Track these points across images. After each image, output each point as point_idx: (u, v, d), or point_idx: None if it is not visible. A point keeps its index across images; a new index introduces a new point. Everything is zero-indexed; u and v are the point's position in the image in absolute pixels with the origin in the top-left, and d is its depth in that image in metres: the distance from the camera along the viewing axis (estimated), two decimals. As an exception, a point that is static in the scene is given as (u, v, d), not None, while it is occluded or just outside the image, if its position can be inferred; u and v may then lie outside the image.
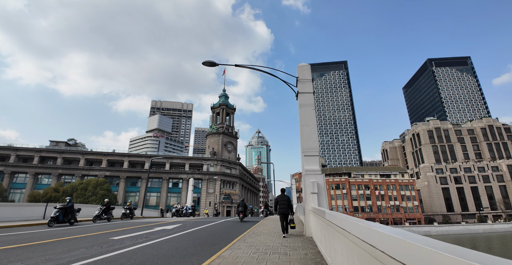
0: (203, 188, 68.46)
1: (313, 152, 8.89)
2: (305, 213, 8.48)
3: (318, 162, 8.78)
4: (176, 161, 71.61)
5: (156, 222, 15.05)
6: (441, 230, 61.06)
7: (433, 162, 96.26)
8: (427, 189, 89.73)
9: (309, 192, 8.29)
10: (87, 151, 69.14)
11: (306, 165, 8.74)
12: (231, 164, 75.51)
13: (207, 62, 10.85)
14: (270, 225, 13.00)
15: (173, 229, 11.11)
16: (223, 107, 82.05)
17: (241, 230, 10.74)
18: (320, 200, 8.14)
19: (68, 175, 66.07)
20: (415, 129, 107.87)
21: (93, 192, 51.28)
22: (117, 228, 11.61)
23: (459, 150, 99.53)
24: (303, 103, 9.58)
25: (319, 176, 8.41)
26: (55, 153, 66.90)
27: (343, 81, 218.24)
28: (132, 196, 67.83)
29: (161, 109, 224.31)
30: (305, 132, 9.22)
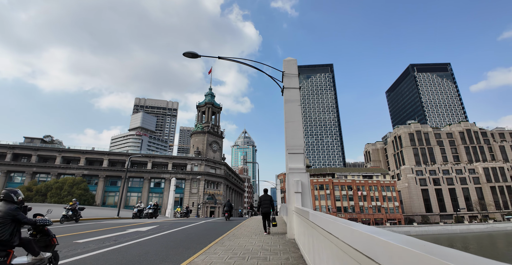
0: (186, 188, 67.05)
1: (298, 149, 8.43)
2: (288, 214, 8.00)
3: (303, 160, 8.33)
4: (159, 160, 69.81)
5: (131, 223, 14.16)
6: (420, 230, 62.58)
7: (413, 163, 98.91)
8: (407, 190, 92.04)
9: (293, 191, 7.82)
10: (64, 149, 66.15)
11: (291, 163, 8.26)
12: (216, 163, 74.45)
13: (188, 53, 10.19)
14: (252, 226, 12.46)
15: (147, 231, 10.35)
16: (209, 106, 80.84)
17: (221, 232, 10.13)
18: (304, 200, 7.68)
19: (43, 173, 62.93)
20: (397, 132, 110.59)
21: (69, 191, 48.98)
22: (86, 230, 10.72)
23: (438, 153, 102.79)
24: (288, 98, 9.12)
25: (304, 175, 7.96)
26: (30, 150, 63.55)
27: (329, 84, 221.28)
28: (112, 195, 65.53)
29: (145, 107, 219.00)
30: (290, 129, 8.75)
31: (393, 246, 1.29)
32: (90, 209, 22.94)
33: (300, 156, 8.37)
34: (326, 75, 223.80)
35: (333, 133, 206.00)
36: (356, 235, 1.87)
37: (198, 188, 66.96)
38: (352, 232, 1.95)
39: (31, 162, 62.39)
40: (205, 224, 14.21)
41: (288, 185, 8.01)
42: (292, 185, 7.90)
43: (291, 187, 7.92)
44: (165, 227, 12.01)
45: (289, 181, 8.00)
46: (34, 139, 70.12)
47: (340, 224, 2.30)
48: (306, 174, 8.02)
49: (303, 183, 7.82)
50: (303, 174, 7.97)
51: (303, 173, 7.99)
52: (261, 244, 7.15)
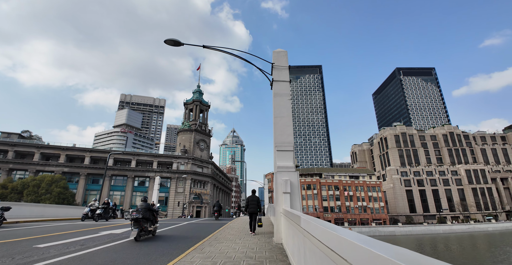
0: (171, 187, 65.57)
1: (287, 146, 7.79)
2: (276, 215, 7.35)
3: (292, 158, 7.70)
4: (144, 158, 67.97)
5: (107, 225, 13.18)
6: (404, 230, 63.51)
7: (398, 165, 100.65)
8: (392, 190, 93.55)
9: (281, 191, 7.18)
10: (43, 145, 63.35)
11: (279, 160, 7.61)
12: (203, 162, 73.24)
13: (170, 40, 9.37)
14: (237, 227, 11.75)
15: (122, 234, 9.47)
16: (197, 104, 79.48)
17: (203, 235, 9.38)
18: (293, 201, 7.05)
19: (20, 170, 60.08)
20: (383, 133, 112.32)
21: (47, 189, 46.78)
22: (53, 232, 9.72)
23: (422, 154, 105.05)
24: (278, 92, 8.46)
25: (293, 174, 7.34)
26: (6, 145, 60.49)
27: (318, 85, 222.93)
28: (94, 194, 63.23)
29: (131, 103, 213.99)
30: (279, 124, 8.10)
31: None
32: (50, 207, 21.54)
33: (290, 153, 7.74)
34: (315, 76, 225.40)
35: (320, 134, 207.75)
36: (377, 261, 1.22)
37: (184, 187, 65.61)
38: (368, 256, 1.27)
39: (8, 158, 59.40)
40: (187, 225, 13.39)
41: (276, 184, 7.36)
42: (280, 184, 7.25)
43: (279, 186, 7.28)
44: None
45: (277, 180, 7.35)
46: (11, 134, 66.83)
47: (347, 239, 1.63)
48: (296, 173, 7.40)
49: (292, 183, 7.19)
50: (292, 173, 7.34)
51: (292, 172, 7.36)
52: (245, 250, 6.47)
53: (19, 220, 15.28)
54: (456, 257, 35.86)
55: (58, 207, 23.19)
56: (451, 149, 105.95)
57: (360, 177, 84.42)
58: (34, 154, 61.65)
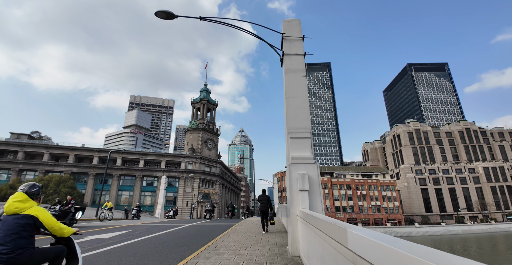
0: (180, 187, 64.73)
1: (302, 132, 6.25)
2: (290, 219, 5.82)
3: (310, 147, 6.15)
4: (152, 157, 67.34)
5: (99, 227, 11.90)
6: (421, 231, 60.84)
7: (412, 163, 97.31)
8: (407, 189, 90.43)
9: (297, 189, 5.65)
10: (52, 145, 63.43)
11: (293, 150, 6.08)
12: (211, 162, 72.16)
13: (161, 12, 7.98)
14: (244, 231, 10.25)
15: (109, 239, 8.11)
16: (204, 103, 78.48)
17: (202, 242, 7.92)
18: (312, 201, 5.51)
19: (30, 170, 60.24)
20: (395, 130, 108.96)
21: (55, 189, 46.44)
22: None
23: (438, 152, 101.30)
24: (290, 68, 6.92)
25: (312, 166, 5.80)
26: (16, 146, 60.77)
27: (326, 82, 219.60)
28: (102, 194, 62.85)
29: (141, 105, 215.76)
30: (292, 106, 6.56)
31: None
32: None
33: (306, 141, 6.20)
34: (323, 74, 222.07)
35: (330, 132, 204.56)
36: None
37: (192, 187, 64.65)
38: None
39: (17, 159, 59.67)
40: (189, 228, 11.98)
41: (290, 180, 5.82)
42: (295, 180, 5.72)
43: (294, 182, 5.74)
44: (137, 233, 9.79)
45: (291, 174, 5.82)
46: (21, 134, 67.28)
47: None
48: (315, 166, 5.86)
49: (311, 178, 5.65)
50: (310, 166, 5.80)
51: (310, 164, 5.82)
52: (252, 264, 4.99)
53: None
54: (475, 260, 33.39)
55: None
56: (468, 145, 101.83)
57: (373, 176, 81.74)
58: (43, 154, 61.75)
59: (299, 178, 5.62)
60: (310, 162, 5.87)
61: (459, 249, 44.13)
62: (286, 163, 6.46)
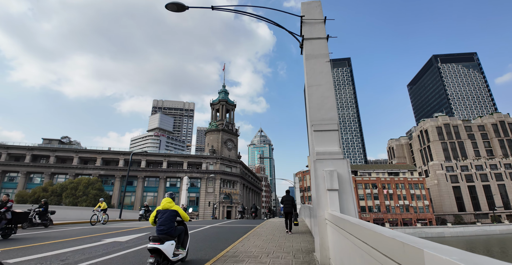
0: (202, 187, 65.30)
1: (328, 124, 5.54)
2: (317, 221, 5.12)
3: (338, 140, 5.43)
4: (174, 159, 68.50)
5: (119, 229, 11.75)
6: (455, 231, 57.25)
7: (442, 159, 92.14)
8: (437, 187, 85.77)
9: (324, 189, 4.95)
10: (80, 149, 66.25)
11: (318, 144, 5.38)
12: (232, 162, 72.24)
13: (171, 4, 7.55)
14: (266, 234, 9.63)
15: (126, 242, 7.81)
16: (223, 104, 78.80)
17: (220, 246, 7.40)
18: (343, 202, 4.80)
19: (61, 174, 63.24)
20: (423, 126, 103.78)
21: (84, 191, 48.29)
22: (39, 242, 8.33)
23: (470, 147, 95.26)
24: (311, 53, 6.23)
25: (341, 163, 5.08)
26: (48, 151, 64.07)
27: (347, 78, 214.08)
28: (128, 195, 64.80)
29: (163, 108, 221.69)
30: (315, 95, 5.86)
31: None
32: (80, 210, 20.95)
33: (333, 134, 5.48)
34: (343, 70, 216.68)
35: (353, 129, 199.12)
36: None
37: (214, 187, 65.00)
38: None
39: (49, 163, 62.84)
40: (208, 230, 11.54)
41: (316, 178, 5.13)
42: (322, 178, 5.03)
43: (320, 181, 5.05)
44: (156, 235, 9.49)
45: (316, 172, 5.13)
46: (52, 140, 70.88)
47: None
48: (345, 162, 5.13)
49: (340, 175, 4.93)
50: (339, 162, 5.08)
51: (339, 160, 5.10)
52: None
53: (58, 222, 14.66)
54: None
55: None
56: (503, 139, 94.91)
57: (400, 174, 78.18)
58: (73, 158, 64.59)
59: (326, 176, 4.92)
60: (339, 158, 5.15)
61: (497, 251, 40.96)
62: (309, 159, 5.76)
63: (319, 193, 5.05)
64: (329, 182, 4.85)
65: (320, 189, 5.05)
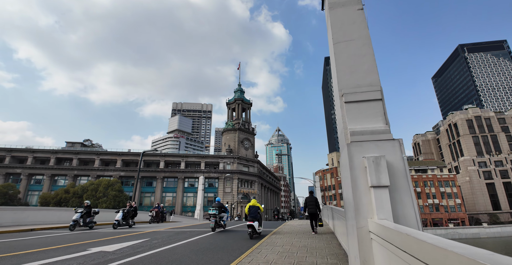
0: (219, 187, 64.43)
1: (367, 92, 3.82)
2: (353, 234, 3.42)
3: (383, 114, 3.71)
4: (192, 159, 68.14)
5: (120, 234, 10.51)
6: (491, 231, 52.70)
7: (474, 154, 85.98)
8: (469, 185, 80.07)
9: (365, 185, 3.24)
10: (101, 151, 67.43)
11: (353, 121, 3.70)
12: (249, 161, 70.90)
13: None
14: (282, 244, 7.95)
15: (114, 252, 6.45)
16: (239, 103, 77.67)
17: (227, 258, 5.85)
18: (397, 205, 3.09)
19: (83, 176, 64.63)
20: (451, 119, 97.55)
21: (104, 193, 48.66)
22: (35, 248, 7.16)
23: (504, 140, 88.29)
24: (336, 1, 4.54)
25: (390, 145, 3.34)
26: (71, 154, 65.70)
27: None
28: (148, 196, 65.23)
29: (182, 111, 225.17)
30: (346, 54, 4.17)
31: None
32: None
33: (375, 105, 3.77)
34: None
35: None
36: None
37: (231, 187, 63.94)
38: None
39: (72, 165, 64.38)
40: (217, 236, 10.04)
41: (352, 170, 3.42)
42: (361, 170, 3.34)
43: (358, 174, 3.36)
44: (154, 242, 8.08)
45: (352, 161, 3.43)
46: (75, 143, 72.77)
47: None
48: (396, 143, 3.39)
49: (391, 165, 3.22)
50: (388, 144, 3.36)
51: (388, 142, 3.37)
52: None
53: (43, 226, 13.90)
54: None
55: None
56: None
57: (428, 170, 73.51)
58: (94, 160, 65.83)
59: (369, 166, 3.23)
60: (387, 138, 3.44)
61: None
62: (339, 142, 4.05)
63: (357, 191, 3.37)
64: (373, 175, 3.16)
65: (358, 185, 3.37)
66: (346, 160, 3.52)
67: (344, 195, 3.97)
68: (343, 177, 3.91)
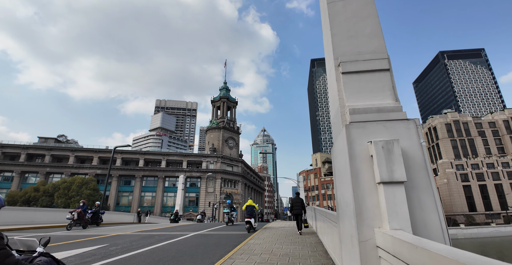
0: (202, 187, 62.74)
1: (372, 60, 2.91)
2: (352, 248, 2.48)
3: (392, 88, 2.82)
4: (173, 158, 66.03)
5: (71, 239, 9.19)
6: (468, 233, 54.19)
7: (452, 157, 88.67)
8: (447, 186, 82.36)
9: (371, 181, 2.35)
10: (76, 148, 64.12)
11: (353, 96, 2.77)
12: (233, 161, 69.65)
13: None
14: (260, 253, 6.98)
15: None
16: (224, 101, 76.26)
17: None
18: (416, 209, 2.21)
19: (56, 173, 61.16)
20: (431, 122, 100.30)
21: (78, 191, 45.95)
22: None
23: (480, 144, 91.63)
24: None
25: (404, 127, 2.45)
26: (43, 149, 61.99)
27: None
28: (126, 196, 62.59)
29: (166, 108, 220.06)
30: (344, 15, 3.25)
31: None
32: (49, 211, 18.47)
33: (382, 76, 2.85)
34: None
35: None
36: None
37: (214, 187, 62.45)
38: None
39: (45, 162, 60.78)
40: (187, 241, 8.91)
41: (352, 160, 2.47)
42: (365, 160, 2.40)
43: (361, 164, 2.41)
44: (112, 249, 6.89)
45: (352, 148, 2.47)
46: (48, 138, 68.80)
47: None
48: (411, 125, 2.51)
49: (405, 153, 2.33)
50: (401, 125, 2.43)
51: (401, 122, 2.47)
52: None
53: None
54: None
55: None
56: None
57: (407, 172, 74.78)
58: (69, 157, 62.48)
59: (377, 154, 2.29)
60: (399, 118, 2.53)
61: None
62: (332, 127, 3.12)
63: (359, 189, 2.42)
64: (383, 167, 2.23)
65: (361, 181, 2.42)
66: (344, 146, 2.58)
67: (338, 195, 3.04)
68: (337, 171, 2.99)
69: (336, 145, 3.02)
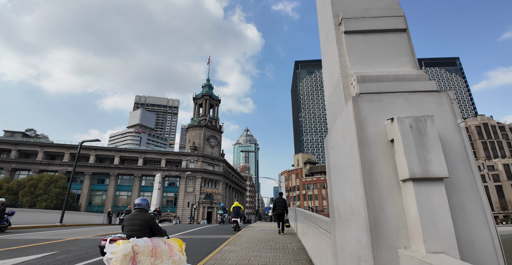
0: (181, 187, 60.91)
1: (384, 17, 2.20)
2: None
3: (409, 53, 2.10)
4: (151, 156, 63.64)
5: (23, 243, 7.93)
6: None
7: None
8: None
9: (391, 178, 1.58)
10: (46, 143, 60.24)
11: (358, 61, 1.93)
12: (214, 160, 68.21)
13: None
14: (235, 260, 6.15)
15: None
16: (207, 98, 74.60)
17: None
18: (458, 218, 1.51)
19: (23, 170, 57.08)
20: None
21: (45, 189, 43.00)
22: None
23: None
24: None
25: (434, 100, 1.75)
26: (9, 144, 57.65)
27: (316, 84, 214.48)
28: (99, 195, 59.55)
29: (146, 105, 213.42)
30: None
31: None
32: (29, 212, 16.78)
33: (397, 38, 2.13)
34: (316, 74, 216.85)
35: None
36: None
37: (194, 187, 60.80)
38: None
39: (10, 158, 56.56)
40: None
41: (365, 145, 1.66)
42: (381, 145, 1.63)
43: (376, 153, 1.61)
44: (59, 258, 5.81)
45: (364, 130, 1.68)
46: (15, 132, 64.26)
47: None
48: (443, 97, 1.81)
49: (444, 137, 1.61)
50: (429, 99, 1.74)
51: (428, 94, 1.76)
52: None
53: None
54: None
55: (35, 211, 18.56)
56: (486, 141, 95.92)
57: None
58: (37, 153, 58.58)
59: (404, 137, 1.49)
60: (426, 89, 1.78)
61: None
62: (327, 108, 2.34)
63: (375, 189, 1.60)
64: (414, 156, 1.42)
65: (377, 177, 1.60)
66: (350, 129, 1.75)
67: (335, 197, 2.24)
68: (334, 166, 2.21)
69: (334, 131, 2.24)
